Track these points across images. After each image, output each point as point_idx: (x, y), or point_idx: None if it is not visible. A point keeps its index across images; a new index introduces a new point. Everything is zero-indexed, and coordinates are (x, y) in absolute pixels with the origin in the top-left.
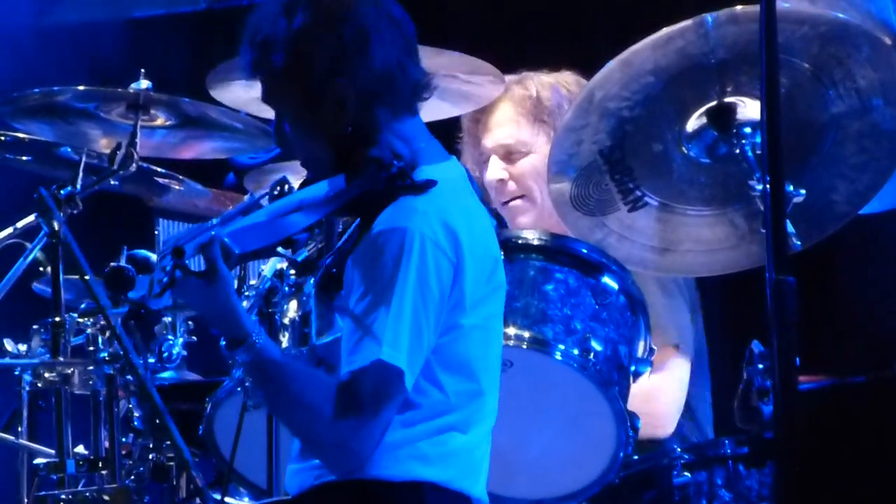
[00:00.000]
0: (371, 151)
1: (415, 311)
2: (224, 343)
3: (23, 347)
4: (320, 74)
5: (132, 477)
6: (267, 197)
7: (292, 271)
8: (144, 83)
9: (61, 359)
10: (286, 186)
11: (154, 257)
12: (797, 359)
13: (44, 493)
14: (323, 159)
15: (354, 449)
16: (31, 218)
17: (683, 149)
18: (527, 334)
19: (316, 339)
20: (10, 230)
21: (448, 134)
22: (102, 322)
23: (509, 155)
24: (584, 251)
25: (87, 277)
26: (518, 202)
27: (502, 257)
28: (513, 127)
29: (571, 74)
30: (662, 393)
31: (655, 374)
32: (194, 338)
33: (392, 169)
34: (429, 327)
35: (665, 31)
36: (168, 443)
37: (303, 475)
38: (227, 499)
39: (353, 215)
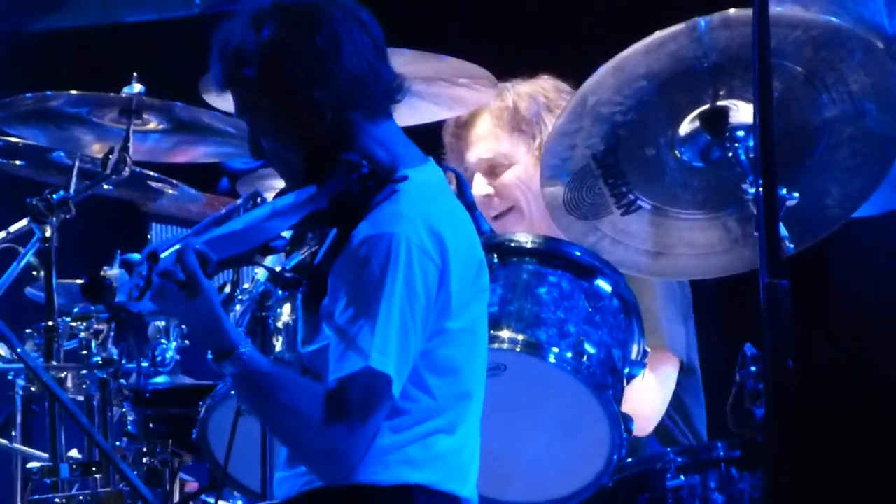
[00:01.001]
0: (343, 154)
1: (402, 317)
2: (210, 356)
3: None
4: (295, 84)
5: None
6: (240, 209)
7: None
8: (137, 87)
9: (55, 363)
10: (258, 199)
11: None
12: (790, 362)
13: (38, 497)
14: (300, 168)
15: (344, 455)
16: (24, 222)
17: (676, 153)
18: (520, 337)
19: (301, 347)
20: (2, 234)
21: (439, 138)
22: (96, 326)
23: (492, 169)
24: (578, 254)
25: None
26: (507, 216)
27: (496, 260)
28: (492, 140)
29: (549, 80)
30: (645, 391)
31: (645, 375)
32: (188, 342)
33: (363, 169)
34: (416, 333)
35: (657, 35)
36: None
37: (290, 482)
38: (220, 502)
39: (331, 223)
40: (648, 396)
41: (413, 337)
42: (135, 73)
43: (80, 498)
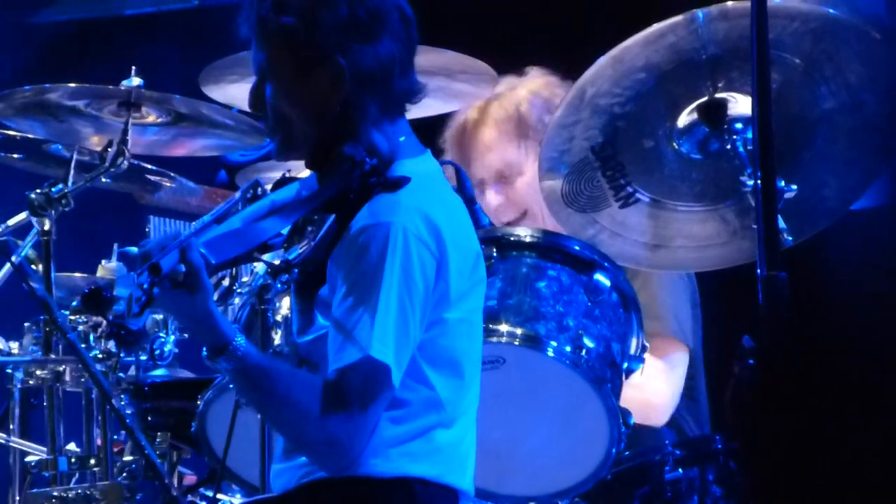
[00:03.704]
0: (345, 149)
1: (401, 306)
2: (206, 352)
3: (14, 345)
4: (324, 47)
5: (124, 474)
6: (240, 201)
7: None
8: (136, 80)
9: (53, 356)
10: (258, 189)
11: None
12: (788, 353)
13: (36, 490)
14: (298, 135)
15: (345, 446)
16: (22, 216)
17: (675, 145)
18: (519, 331)
19: (297, 338)
20: (1, 228)
21: (435, 132)
22: (95, 319)
23: (502, 178)
24: (577, 248)
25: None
26: (520, 222)
27: (495, 254)
28: (499, 151)
29: (540, 76)
30: (659, 381)
31: (655, 362)
32: (186, 335)
33: (365, 166)
34: (415, 323)
35: (656, 27)
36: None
37: (288, 474)
38: (219, 496)
39: (329, 213)
40: (660, 386)
41: (412, 326)
42: (133, 66)
43: (79, 491)
